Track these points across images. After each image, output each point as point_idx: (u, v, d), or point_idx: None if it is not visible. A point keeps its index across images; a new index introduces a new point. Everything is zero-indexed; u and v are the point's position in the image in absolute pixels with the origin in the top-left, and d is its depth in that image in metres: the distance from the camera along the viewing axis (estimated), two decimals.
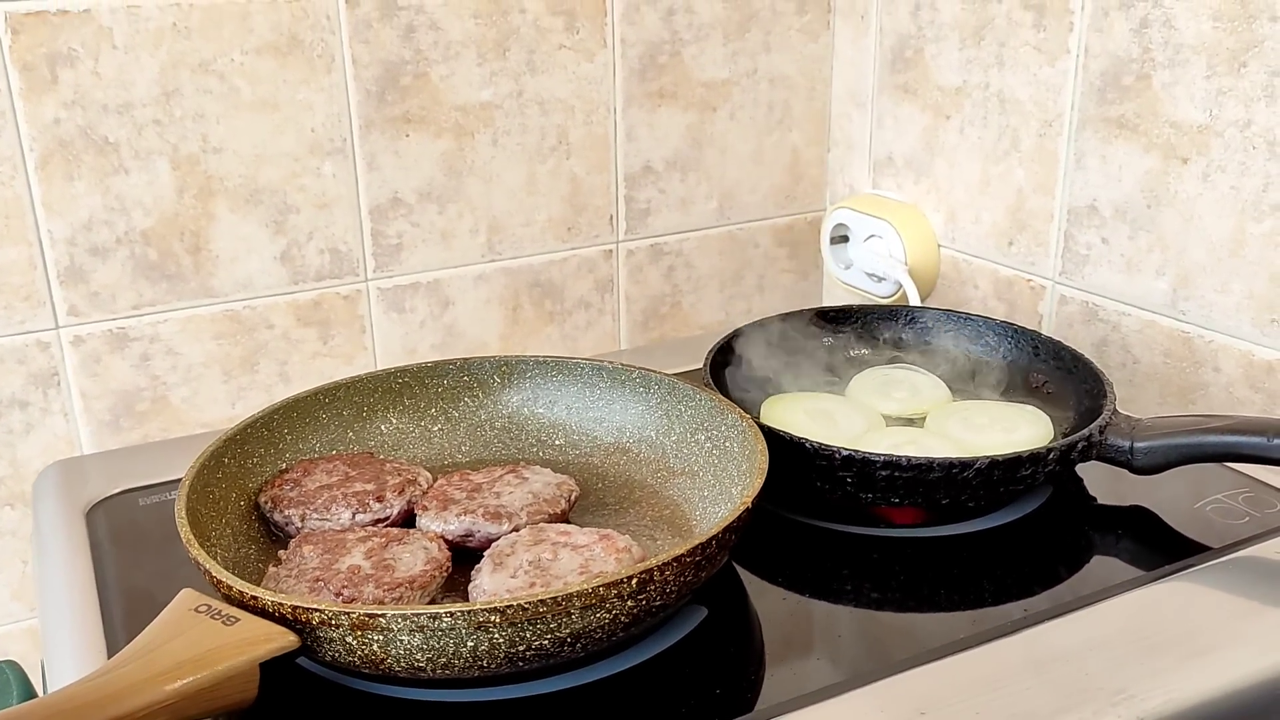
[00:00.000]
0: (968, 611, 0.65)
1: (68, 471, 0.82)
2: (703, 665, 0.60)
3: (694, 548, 0.56)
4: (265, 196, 0.94)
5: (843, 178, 1.17)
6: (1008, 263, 1.01)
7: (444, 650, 0.53)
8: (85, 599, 0.65)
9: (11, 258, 0.87)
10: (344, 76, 0.94)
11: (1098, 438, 0.71)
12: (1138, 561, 0.70)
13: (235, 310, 0.96)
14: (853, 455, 0.68)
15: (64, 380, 0.92)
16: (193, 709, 0.50)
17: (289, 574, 0.61)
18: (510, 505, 0.68)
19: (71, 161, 0.88)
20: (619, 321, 1.12)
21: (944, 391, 0.84)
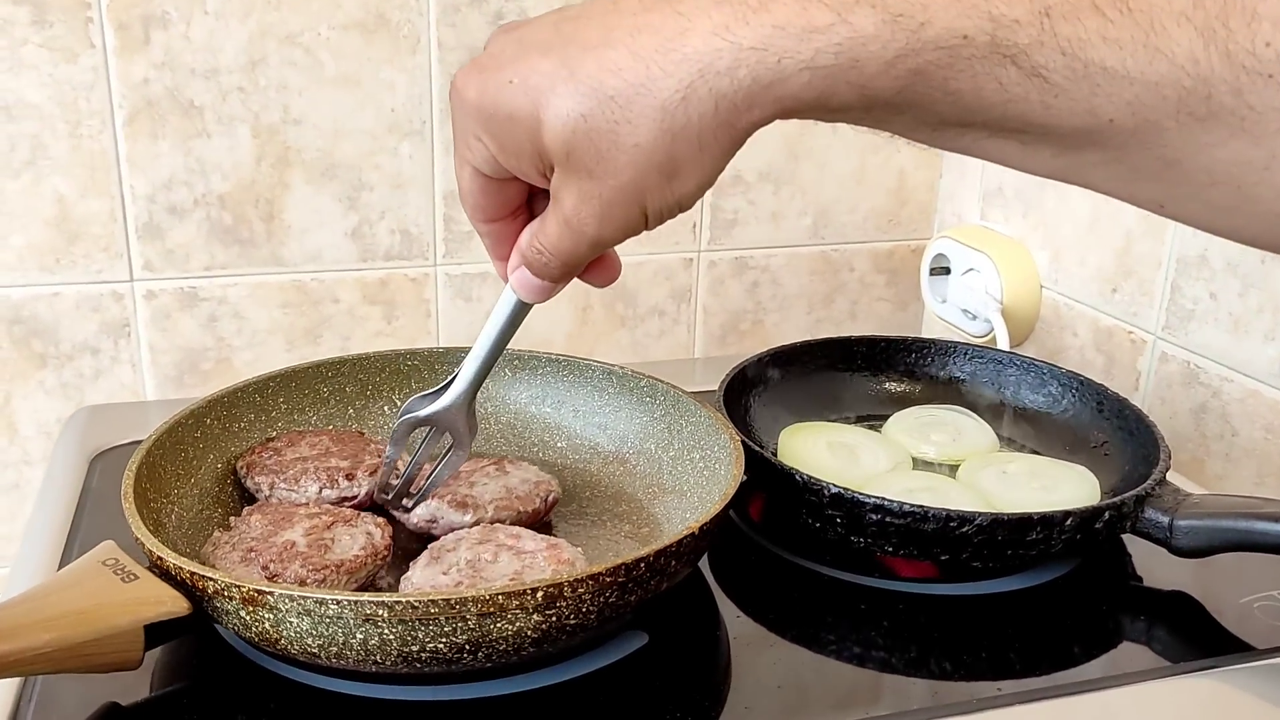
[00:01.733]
0: (934, 681, 0.59)
1: (93, 417, 0.85)
2: (628, 693, 0.56)
3: (613, 568, 0.52)
4: (340, 171, 0.95)
5: (952, 206, 1.10)
6: (1110, 311, 0.92)
7: (334, 639, 0.51)
8: (52, 543, 0.66)
9: (94, 209, 0.91)
10: (429, 59, 0.94)
11: (1130, 509, 0.63)
12: (1165, 651, 0.62)
13: (303, 281, 0.97)
14: (841, 494, 0.62)
15: (134, 332, 0.94)
16: (71, 662, 0.50)
17: (229, 541, 0.60)
18: (480, 497, 0.66)
19: (157, 121, 0.90)
20: (694, 333, 1.08)
21: (989, 439, 0.77)
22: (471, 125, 0.46)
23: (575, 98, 0.42)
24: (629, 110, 0.41)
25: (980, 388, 0.83)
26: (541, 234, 0.48)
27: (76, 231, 0.90)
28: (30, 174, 0.88)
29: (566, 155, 0.43)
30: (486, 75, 0.44)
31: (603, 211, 0.45)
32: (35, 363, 0.92)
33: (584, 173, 0.44)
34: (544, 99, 0.43)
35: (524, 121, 0.44)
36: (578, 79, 0.42)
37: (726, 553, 0.69)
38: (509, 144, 0.45)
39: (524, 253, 0.50)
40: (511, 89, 0.43)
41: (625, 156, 0.42)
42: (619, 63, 0.41)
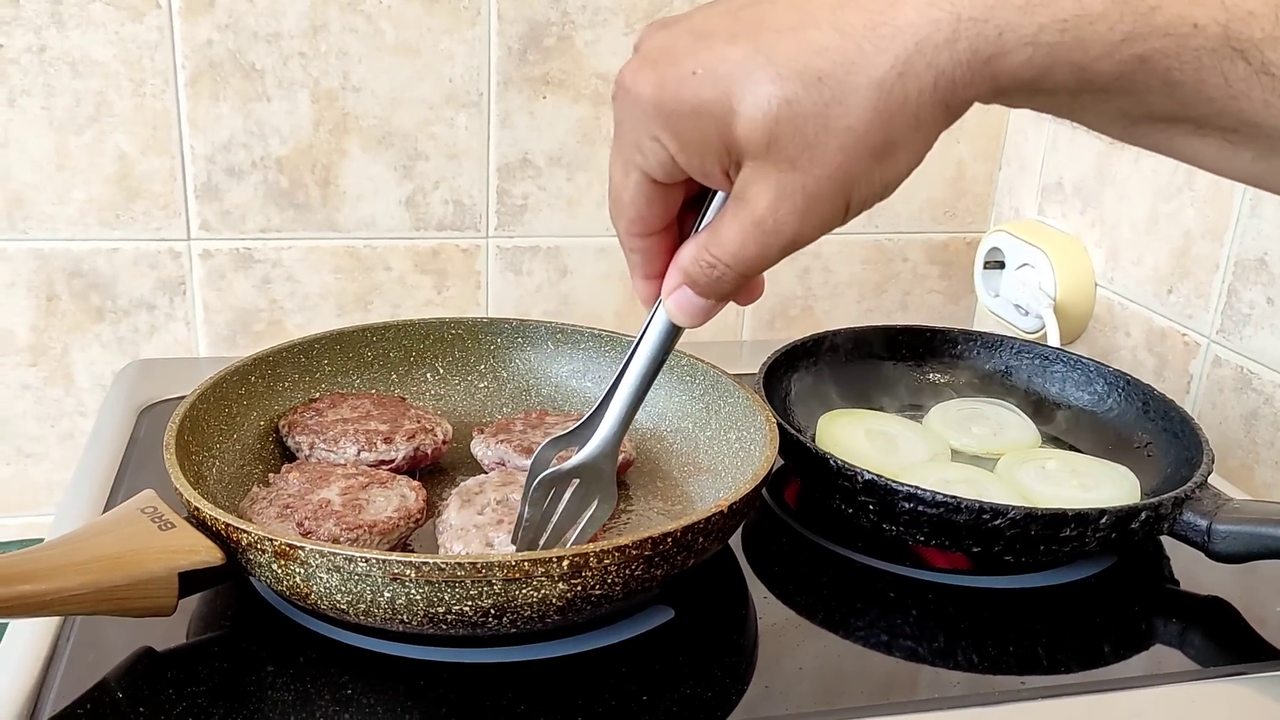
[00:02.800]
0: (959, 672, 0.58)
1: (143, 371, 0.86)
2: (650, 666, 0.56)
3: (639, 541, 0.52)
4: (397, 140, 0.96)
5: (1009, 199, 1.08)
6: (1164, 312, 0.91)
7: (362, 596, 0.51)
8: (97, 491, 0.68)
9: (155, 167, 0.92)
10: (488, 30, 0.95)
11: (1169, 511, 0.62)
12: (1198, 656, 0.61)
13: (356, 247, 0.98)
14: (875, 481, 0.62)
15: (190, 290, 0.96)
16: (106, 605, 0.51)
17: (266, 496, 0.61)
18: None
19: (219, 83, 0.91)
20: (742, 316, 1.08)
21: (1031, 435, 0.76)
22: (647, 125, 0.41)
23: (777, 82, 0.39)
24: (840, 90, 0.38)
25: (1024, 382, 0.82)
26: (714, 244, 0.43)
27: (137, 189, 0.92)
28: (94, 130, 0.90)
29: (767, 146, 0.40)
30: (663, 69, 0.40)
31: (806, 206, 0.41)
32: (93, 316, 0.94)
33: (786, 164, 0.40)
34: (739, 87, 0.39)
35: (714, 114, 0.40)
36: (777, 62, 0.39)
37: (759, 535, 0.69)
38: (693, 140, 0.41)
39: (688, 269, 0.45)
40: (697, 80, 0.40)
41: (836, 141, 0.39)
42: (824, 42, 0.38)
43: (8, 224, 0.90)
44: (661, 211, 0.45)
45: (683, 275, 0.46)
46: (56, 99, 0.88)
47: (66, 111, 0.89)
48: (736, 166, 0.41)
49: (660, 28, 0.43)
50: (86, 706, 0.51)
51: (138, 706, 0.51)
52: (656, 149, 0.42)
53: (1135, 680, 0.59)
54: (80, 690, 0.52)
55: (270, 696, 0.53)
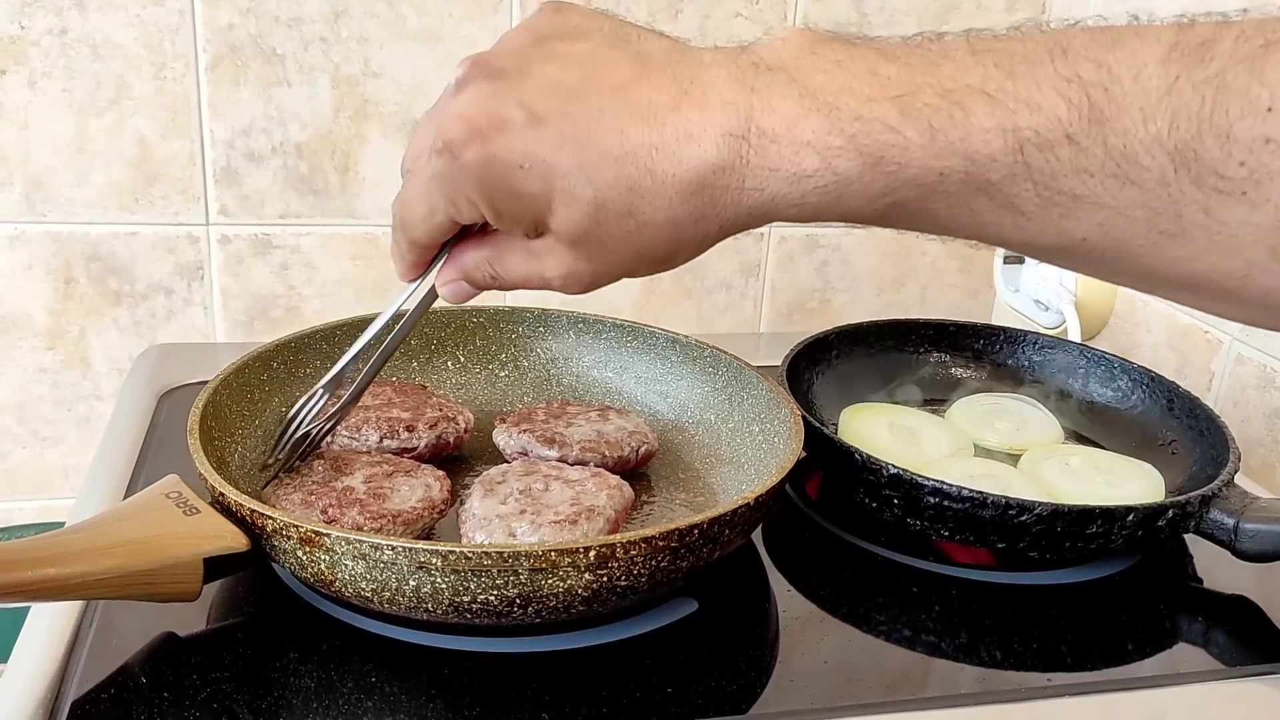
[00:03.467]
0: (982, 668, 0.58)
1: (163, 356, 0.86)
2: (674, 658, 0.56)
3: (666, 532, 0.52)
4: None
5: None
6: (1186, 310, 0.90)
7: (387, 584, 0.51)
8: (118, 476, 0.68)
9: (175, 151, 0.92)
10: (509, 18, 0.94)
11: (1195, 509, 0.62)
12: (1222, 655, 0.61)
13: (375, 234, 0.98)
14: (900, 475, 0.62)
15: (208, 275, 0.96)
16: (131, 589, 0.51)
17: (290, 483, 0.61)
18: (569, 436, 0.67)
19: (240, 67, 0.91)
20: (760, 308, 1.08)
21: (1054, 431, 0.76)
22: (466, 188, 0.46)
23: (593, 204, 0.45)
24: (643, 223, 0.45)
25: (1048, 378, 0.81)
26: (499, 264, 0.50)
27: (156, 173, 0.92)
28: (114, 114, 0.90)
29: (570, 241, 0.46)
30: (491, 147, 0.44)
31: (589, 283, 0.49)
32: (110, 300, 0.94)
33: (583, 257, 0.47)
34: (559, 193, 0.45)
35: (533, 204, 0.46)
36: (595, 185, 0.44)
37: (781, 528, 0.69)
38: (508, 215, 0.47)
39: (469, 271, 0.52)
40: (523, 173, 0.45)
41: (628, 251, 0.46)
42: (637, 181, 0.44)
43: (27, 207, 0.90)
44: (446, 235, 0.51)
45: (461, 273, 0.52)
46: (77, 82, 0.88)
47: (87, 94, 0.89)
48: (538, 234, 0.48)
49: (488, 79, 0.46)
50: (110, 691, 0.50)
51: (161, 692, 0.51)
52: (470, 208, 0.47)
53: (1159, 679, 0.58)
54: (103, 675, 0.51)
55: (293, 683, 0.53)
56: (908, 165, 0.41)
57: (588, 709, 0.52)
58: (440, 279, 0.53)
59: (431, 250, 0.53)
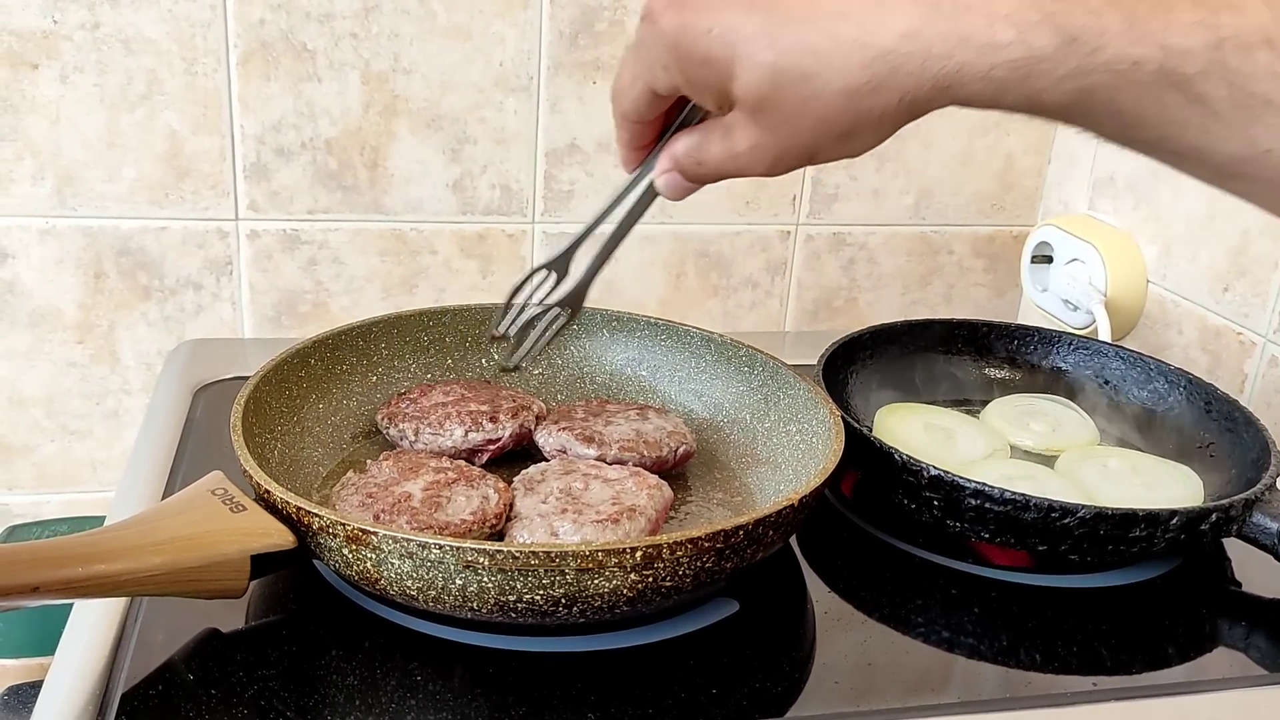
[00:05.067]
0: (1025, 671, 0.58)
1: (195, 351, 0.86)
2: (718, 658, 0.56)
3: (712, 533, 0.52)
4: (446, 123, 0.95)
5: (1059, 194, 1.07)
6: (1219, 311, 0.90)
7: (433, 583, 0.51)
8: (157, 472, 0.68)
9: (205, 146, 0.92)
10: (539, 14, 0.94)
11: (1238, 513, 0.62)
12: (1264, 659, 0.60)
13: (402, 230, 0.98)
14: (941, 476, 0.62)
15: (237, 270, 0.96)
16: (178, 586, 0.51)
17: (355, 483, 0.61)
18: (609, 435, 0.68)
19: (270, 63, 0.91)
20: (786, 307, 1.08)
21: (1090, 433, 0.75)
22: (662, 55, 0.48)
23: (772, 68, 0.45)
24: (821, 89, 0.44)
25: (1083, 380, 0.81)
26: (703, 150, 0.51)
27: (186, 168, 0.92)
28: (145, 108, 0.90)
29: (753, 109, 0.47)
30: (686, 15, 0.47)
31: (775, 160, 0.49)
32: (140, 294, 0.94)
33: (767, 127, 0.47)
34: (742, 57, 0.46)
35: (718, 69, 0.46)
36: (777, 49, 0.45)
37: (817, 527, 0.68)
38: (697, 82, 0.48)
39: (680, 160, 0.53)
40: (710, 38, 0.46)
41: (808, 122, 0.46)
42: (819, 45, 0.44)
43: (58, 201, 0.90)
44: (655, 110, 0.53)
45: (674, 163, 0.54)
46: (108, 76, 0.88)
47: (118, 89, 0.89)
48: (728, 106, 0.48)
49: None
50: (158, 687, 0.50)
51: (208, 688, 0.51)
52: (665, 76, 0.49)
53: (1201, 684, 0.58)
54: (149, 670, 0.52)
55: (336, 681, 0.53)
56: (1103, 49, 0.41)
57: (633, 709, 0.52)
58: (656, 169, 0.55)
59: (644, 131, 0.54)
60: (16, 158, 0.88)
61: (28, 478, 0.97)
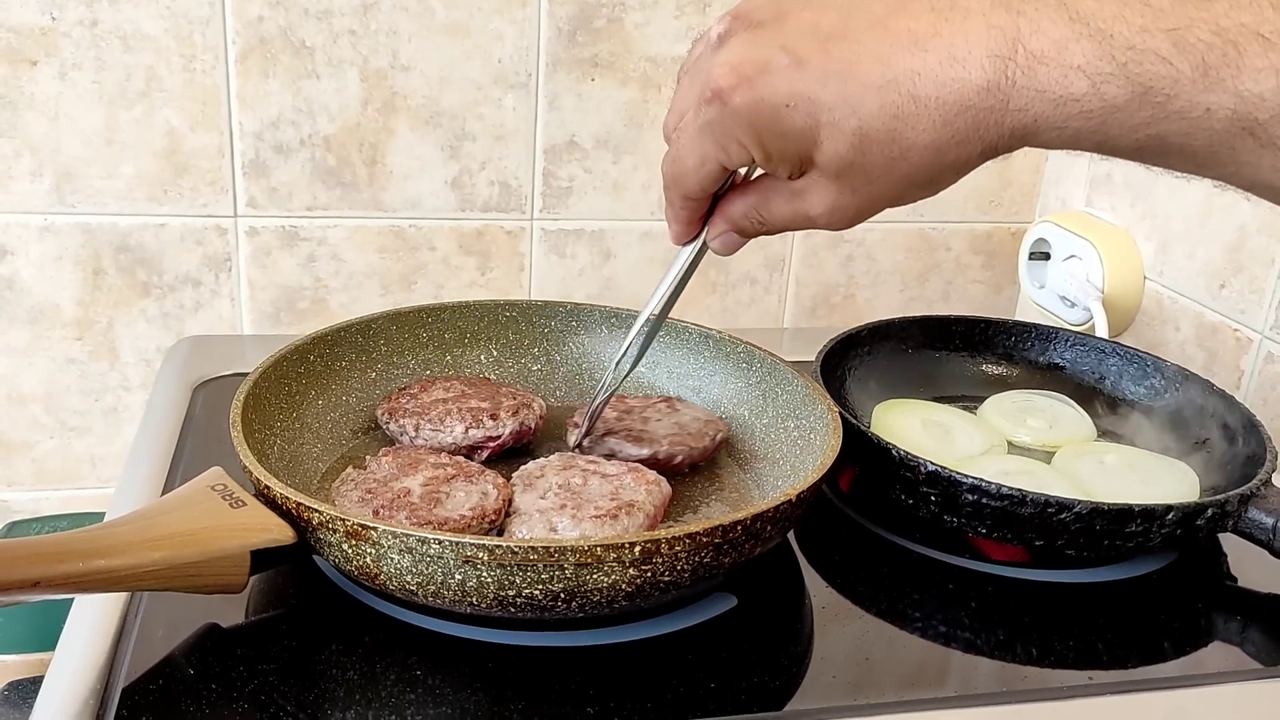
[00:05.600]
0: (1022, 666, 0.58)
1: (195, 347, 0.86)
2: (716, 652, 0.56)
3: (710, 528, 0.52)
4: (444, 120, 0.96)
5: (1057, 190, 1.07)
6: (1216, 307, 0.90)
7: (433, 578, 0.51)
8: (156, 468, 0.68)
9: (204, 143, 0.92)
10: (538, 11, 0.94)
11: (1234, 508, 0.62)
12: (1259, 654, 0.61)
13: (401, 227, 0.98)
14: (938, 472, 0.62)
15: (235, 267, 0.96)
16: (179, 581, 0.51)
17: (354, 479, 0.62)
18: (654, 432, 0.68)
19: (269, 60, 0.91)
20: (785, 303, 1.08)
21: (1087, 429, 0.76)
22: (737, 132, 0.48)
23: (858, 134, 0.46)
24: (907, 149, 0.46)
25: (1080, 376, 0.81)
26: (766, 210, 0.52)
27: (185, 165, 0.92)
28: (143, 105, 0.90)
29: (836, 175, 0.48)
30: (759, 91, 0.47)
31: (853, 217, 0.50)
32: (139, 291, 0.94)
33: (848, 190, 0.48)
34: (825, 125, 0.46)
35: (801, 140, 0.47)
36: (860, 116, 0.45)
37: (814, 523, 0.69)
38: (776, 154, 0.49)
39: (738, 221, 0.54)
40: (790, 112, 0.46)
41: (892, 180, 0.47)
42: (901, 107, 0.45)
43: (57, 198, 0.90)
44: (720, 184, 0.54)
45: (731, 225, 0.55)
46: (107, 73, 0.88)
47: (117, 86, 0.89)
48: (802, 172, 0.49)
49: (749, 29, 0.48)
50: (159, 681, 0.51)
51: (209, 682, 0.51)
52: (741, 152, 0.49)
53: (1196, 678, 0.58)
54: (150, 665, 0.52)
55: (336, 675, 0.53)
56: (1176, 98, 0.42)
57: (632, 703, 0.52)
58: (711, 233, 0.56)
59: (703, 205, 0.55)
60: (15, 154, 0.88)
61: (27, 474, 0.97)
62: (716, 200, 0.55)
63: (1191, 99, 0.41)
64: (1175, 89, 0.41)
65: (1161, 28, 0.41)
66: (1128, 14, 0.42)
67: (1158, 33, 0.41)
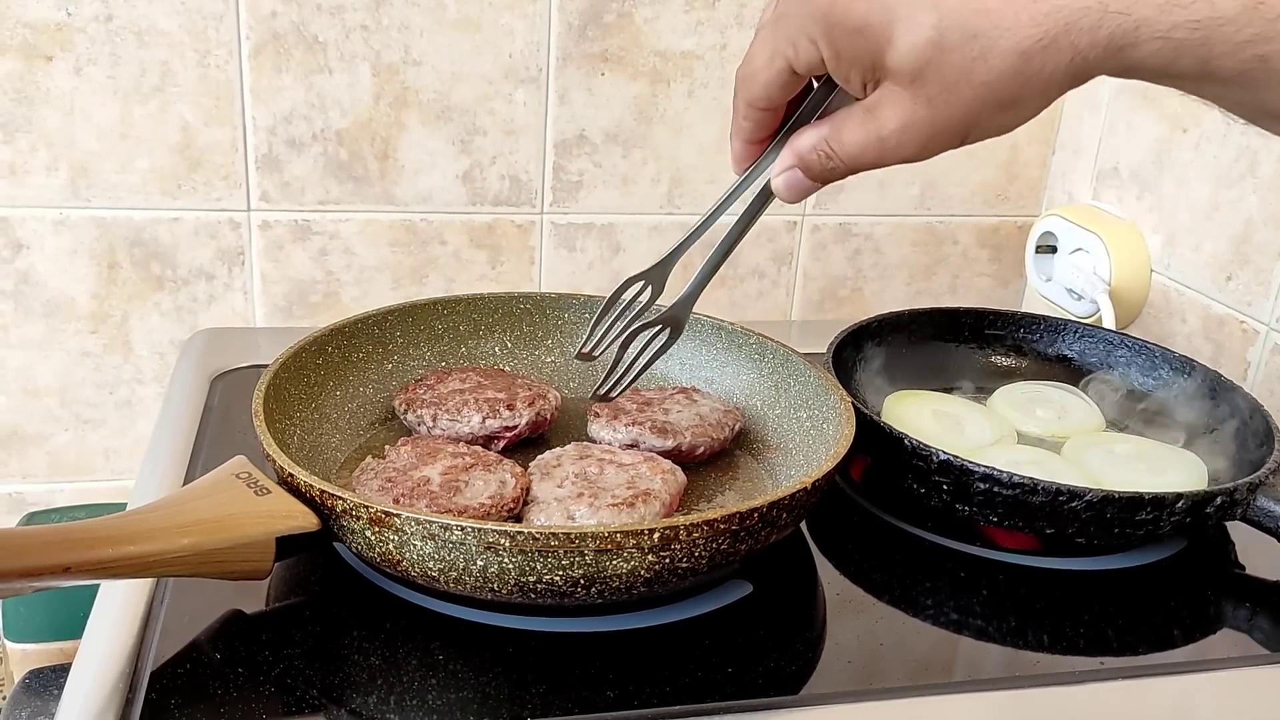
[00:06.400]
0: (1033, 652, 0.59)
1: (211, 340, 0.87)
2: (732, 638, 0.57)
3: (728, 515, 0.53)
4: (455, 115, 0.96)
5: (1063, 184, 1.08)
6: (1222, 299, 0.91)
7: (455, 564, 0.52)
8: (177, 457, 0.69)
9: (217, 138, 0.93)
10: (548, 6, 0.95)
11: (1243, 496, 0.63)
12: (1267, 640, 0.61)
13: (413, 221, 0.99)
14: (950, 461, 0.63)
15: (248, 260, 0.97)
16: (205, 567, 0.52)
17: (374, 468, 0.62)
18: (677, 423, 0.69)
19: (282, 55, 0.92)
20: (793, 296, 1.08)
21: (1096, 419, 0.76)
22: (809, 27, 0.45)
23: (937, 28, 0.42)
24: (988, 49, 0.42)
25: (1088, 367, 0.82)
26: (836, 141, 0.47)
27: (198, 159, 0.93)
28: (158, 100, 0.90)
29: (911, 79, 0.44)
30: None
31: (929, 137, 0.45)
32: (153, 285, 0.95)
33: (923, 99, 0.44)
34: (903, 21, 0.43)
35: (874, 36, 0.44)
36: (942, 8, 0.42)
37: (827, 512, 0.69)
38: (847, 53, 0.45)
39: (804, 155, 0.49)
40: (865, 4, 0.43)
41: (971, 90, 0.43)
42: (988, 3, 0.42)
43: (72, 192, 0.91)
44: (787, 94, 0.49)
45: (797, 159, 0.50)
46: (122, 68, 0.89)
47: (131, 81, 0.89)
48: (876, 83, 0.45)
49: None
50: (186, 666, 0.51)
51: (235, 667, 0.52)
52: (810, 50, 0.45)
53: (1205, 664, 0.59)
54: (177, 649, 0.53)
55: (359, 660, 0.54)
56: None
57: (650, 688, 0.53)
58: (776, 168, 0.51)
59: (768, 121, 0.51)
60: (31, 149, 0.89)
61: (41, 466, 0.98)
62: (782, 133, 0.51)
63: None
64: None
65: None
66: None
67: None
